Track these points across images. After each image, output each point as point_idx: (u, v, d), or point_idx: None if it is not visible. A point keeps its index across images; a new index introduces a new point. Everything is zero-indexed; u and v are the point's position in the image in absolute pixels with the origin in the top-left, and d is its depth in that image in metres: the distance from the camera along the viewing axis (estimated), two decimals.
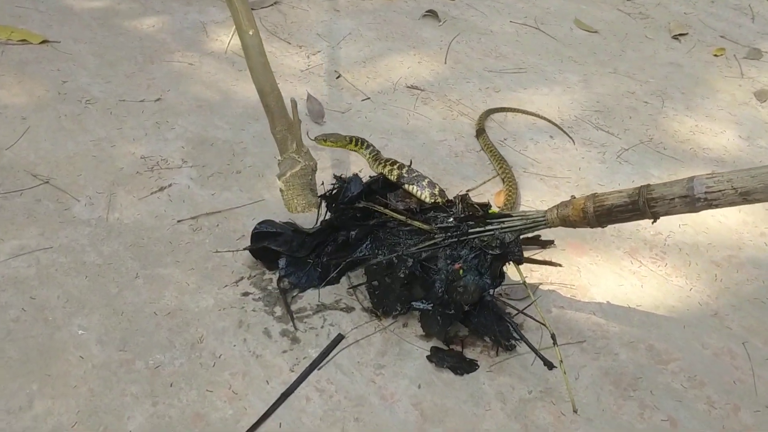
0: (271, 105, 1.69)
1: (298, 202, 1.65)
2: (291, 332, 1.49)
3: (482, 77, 2.36)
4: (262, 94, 1.70)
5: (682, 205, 1.24)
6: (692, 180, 1.23)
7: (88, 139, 1.98)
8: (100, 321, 1.49)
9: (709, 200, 1.22)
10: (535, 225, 1.41)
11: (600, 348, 1.49)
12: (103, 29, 2.46)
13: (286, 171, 1.65)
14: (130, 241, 1.68)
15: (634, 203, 1.29)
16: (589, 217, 1.34)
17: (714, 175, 1.22)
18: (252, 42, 1.68)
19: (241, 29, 1.67)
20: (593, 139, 2.11)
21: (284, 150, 1.69)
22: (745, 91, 2.38)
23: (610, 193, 1.34)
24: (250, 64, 1.69)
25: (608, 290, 1.62)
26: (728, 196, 1.20)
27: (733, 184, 1.19)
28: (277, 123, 1.69)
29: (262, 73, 1.69)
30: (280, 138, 1.69)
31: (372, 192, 1.54)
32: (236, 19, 1.67)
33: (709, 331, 1.54)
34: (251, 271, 1.63)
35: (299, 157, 1.67)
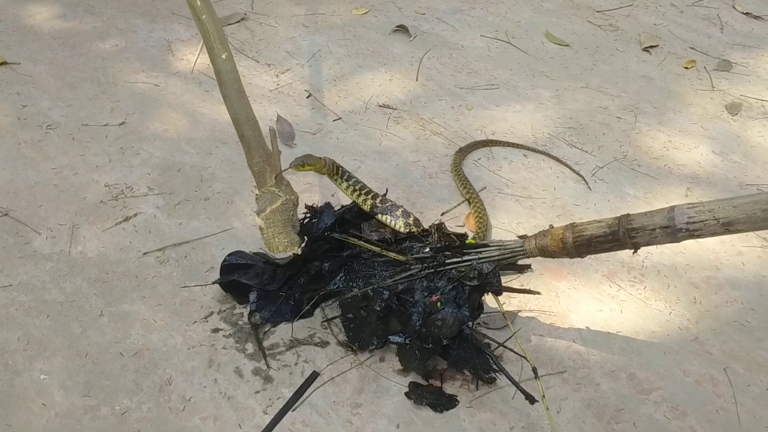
0: (247, 135, 1.54)
1: (280, 240, 1.50)
2: (263, 370, 1.44)
3: (454, 94, 2.32)
4: (237, 123, 1.56)
5: (663, 235, 1.22)
6: (673, 210, 1.20)
7: (49, 167, 1.90)
8: (63, 364, 1.43)
9: (690, 231, 1.19)
10: (514, 255, 1.37)
11: (581, 378, 1.46)
12: (65, 49, 2.39)
13: (265, 207, 1.49)
14: (94, 276, 1.62)
15: (614, 234, 1.26)
16: (568, 247, 1.31)
17: (695, 204, 1.19)
18: (225, 67, 1.53)
19: (213, 53, 1.52)
20: (567, 157, 2.08)
21: (262, 183, 1.54)
22: (717, 104, 2.38)
23: (589, 223, 1.30)
24: (224, 90, 1.55)
25: (588, 316, 1.59)
26: (710, 226, 1.17)
27: (715, 215, 1.16)
28: (254, 154, 1.54)
29: (236, 100, 1.55)
30: (258, 170, 1.54)
31: (345, 222, 1.50)
32: (207, 41, 1.53)
33: (690, 357, 1.52)
34: (221, 306, 1.57)
35: (279, 191, 1.52)
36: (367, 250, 1.48)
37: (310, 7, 2.76)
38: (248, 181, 1.90)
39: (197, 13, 1.52)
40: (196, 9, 1.52)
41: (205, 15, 1.51)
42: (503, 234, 1.79)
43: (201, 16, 1.52)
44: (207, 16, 1.51)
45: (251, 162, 1.55)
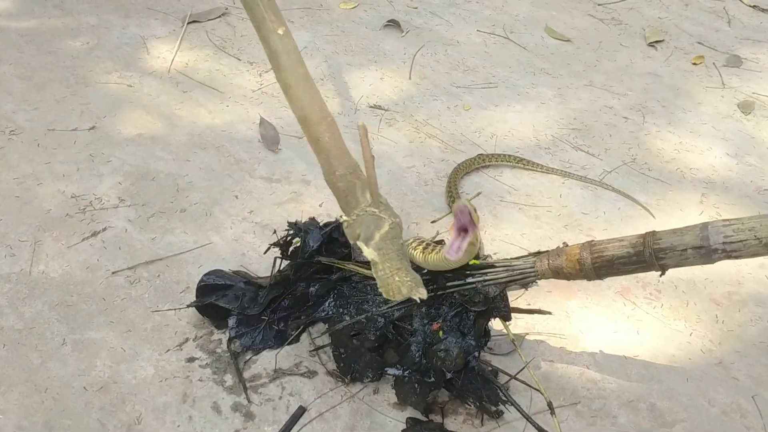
0: (324, 139, 1.19)
1: (401, 279, 1.14)
2: (244, 406, 1.29)
3: (450, 94, 2.17)
4: (307, 124, 1.19)
5: (695, 257, 1.07)
6: (706, 228, 1.06)
7: (11, 176, 1.74)
8: (20, 401, 1.28)
9: (728, 252, 1.04)
10: (523, 277, 1.22)
11: (596, 410, 1.32)
12: (32, 47, 2.22)
13: (372, 233, 1.13)
14: (57, 299, 1.46)
15: (639, 254, 1.12)
16: (586, 269, 1.16)
17: (732, 221, 1.05)
18: (285, 46, 1.17)
19: (265, 27, 1.17)
20: (573, 161, 1.94)
21: (352, 204, 1.19)
22: (728, 102, 2.24)
23: (609, 242, 1.16)
24: (285, 78, 1.18)
25: (602, 339, 1.45)
26: (751, 246, 1.02)
27: (756, 234, 1.02)
28: (337, 165, 1.19)
29: (303, 91, 1.18)
30: (343, 187, 1.19)
31: (333, 240, 1.34)
32: (255, 13, 1.17)
33: (715, 384, 1.38)
34: (197, 331, 1.42)
35: (380, 212, 1.17)
36: (357, 273, 1.33)
37: (297, 0, 2.60)
38: (229, 191, 1.75)
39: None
40: None
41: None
42: (506, 247, 1.64)
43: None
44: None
45: (332, 176, 1.19)
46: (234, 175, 1.80)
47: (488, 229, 1.69)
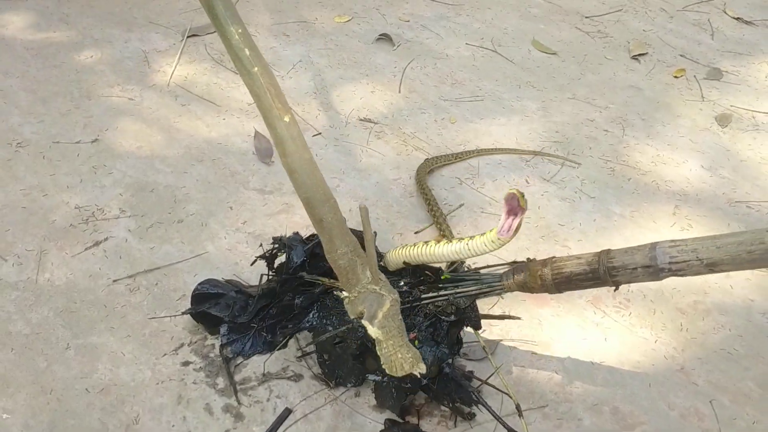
0: (327, 219, 1.25)
1: (403, 356, 1.22)
2: (234, 407, 1.39)
3: (438, 107, 2.27)
4: (311, 205, 1.26)
5: (645, 275, 1.17)
6: (654, 249, 1.15)
7: (18, 188, 1.85)
8: (27, 402, 1.38)
9: (673, 270, 1.14)
10: (491, 290, 1.32)
11: (563, 413, 1.42)
12: (38, 61, 2.32)
13: (375, 312, 1.21)
14: (61, 305, 1.56)
15: (594, 272, 1.21)
16: (547, 284, 1.26)
17: (678, 243, 1.14)
18: (290, 133, 1.23)
19: (272, 115, 1.24)
20: (552, 172, 2.03)
21: (352, 281, 1.26)
22: (706, 115, 2.33)
23: (568, 259, 1.26)
24: (290, 163, 1.24)
25: (571, 345, 1.55)
26: (694, 266, 1.12)
27: (698, 255, 1.11)
28: (339, 244, 1.25)
29: (307, 175, 1.25)
30: (344, 265, 1.25)
31: (315, 255, 1.44)
32: (262, 101, 1.24)
33: (676, 389, 1.48)
34: (192, 337, 1.52)
35: (381, 289, 1.24)
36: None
37: (292, 14, 2.70)
38: (223, 202, 1.85)
39: (246, 66, 1.24)
40: (245, 61, 1.24)
41: (257, 68, 1.24)
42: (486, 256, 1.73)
43: (252, 69, 1.24)
44: (259, 69, 1.24)
45: (334, 254, 1.26)
46: (229, 186, 1.90)
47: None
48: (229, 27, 1.23)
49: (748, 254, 1.07)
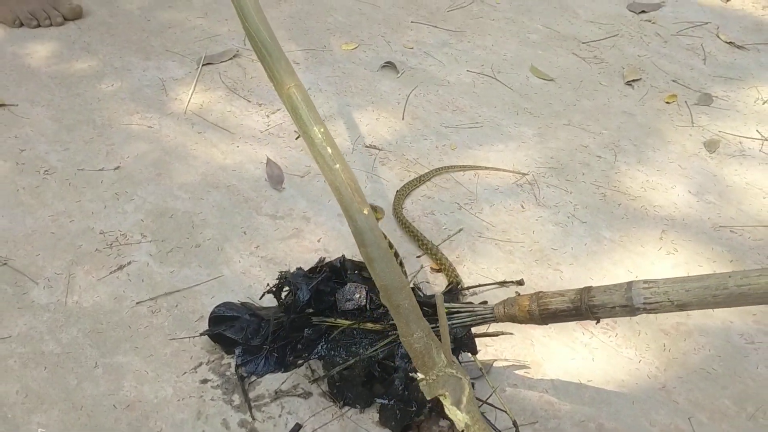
0: (404, 306, 1.30)
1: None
2: (249, 422, 1.52)
3: (439, 133, 2.39)
4: (388, 292, 1.31)
5: (622, 311, 1.29)
6: (630, 289, 1.28)
7: (46, 214, 1.98)
8: (60, 417, 1.51)
9: (648, 309, 1.26)
10: (484, 321, 1.45)
11: (552, 429, 1.54)
12: (61, 89, 2.46)
13: (459, 397, 1.25)
14: (89, 326, 1.69)
15: (577, 308, 1.34)
16: (534, 318, 1.39)
17: (651, 285, 1.26)
18: (368, 224, 1.31)
19: (352, 209, 1.32)
20: (547, 197, 2.15)
21: (428, 365, 1.30)
22: (695, 141, 2.45)
23: (553, 296, 1.38)
24: (369, 253, 1.31)
25: (560, 365, 1.67)
26: (666, 306, 1.24)
27: (669, 297, 1.23)
28: (414, 329, 1.30)
29: (385, 264, 1.31)
30: (420, 348, 1.30)
31: (320, 292, 1.58)
32: (343, 195, 1.33)
33: (657, 407, 1.59)
34: (210, 356, 1.65)
35: (457, 372, 1.29)
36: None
37: (302, 42, 2.83)
38: (238, 227, 1.98)
39: (329, 163, 1.33)
40: (327, 159, 1.33)
41: (339, 165, 1.33)
42: (482, 279, 1.86)
43: (334, 165, 1.32)
44: (341, 166, 1.33)
45: (410, 338, 1.30)
46: (242, 212, 2.03)
47: (467, 264, 1.91)
48: (312, 128, 1.35)
49: (713, 297, 1.19)
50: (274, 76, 1.42)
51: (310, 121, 1.38)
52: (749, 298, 1.19)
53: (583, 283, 1.86)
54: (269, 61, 1.41)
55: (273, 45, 1.42)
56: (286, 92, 1.39)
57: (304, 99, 1.39)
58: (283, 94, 1.41)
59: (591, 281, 1.88)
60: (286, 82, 1.40)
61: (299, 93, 1.39)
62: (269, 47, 1.41)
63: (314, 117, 1.38)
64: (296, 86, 1.40)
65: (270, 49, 1.41)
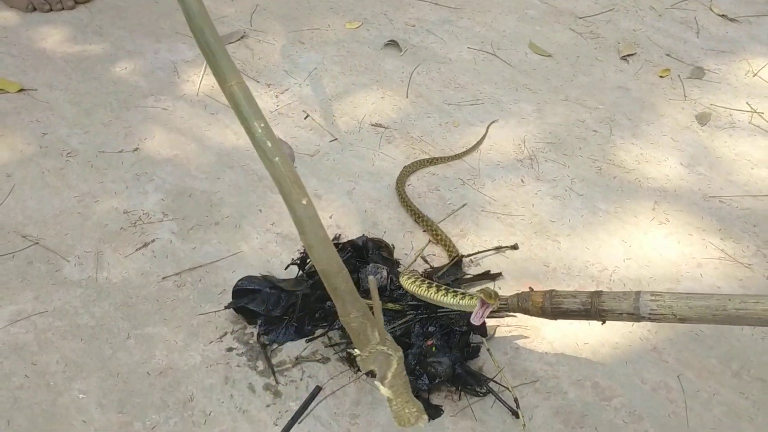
0: (341, 288, 1.41)
1: (410, 411, 1.35)
2: (273, 386, 1.65)
3: (442, 111, 2.50)
4: (326, 276, 1.42)
5: (629, 318, 1.41)
6: (638, 300, 1.38)
7: (72, 195, 2.09)
8: (98, 384, 1.64)
9: (652, 319, 1.38)
10: (498, 309, 1.58)
11: (551, 387, 1.67)
12: (77, 74, 2.56)
13: (386, 372, 1.36)
14: (120, 300, 1.82)
15: (587, 311, 1.45)
16: (546, 314, 1.51)
17: (657, 298, 1.37)
18: (307, 213, 1.41)
19: (291, 198, 1.41)
20: (546, 172, 2.26)
21: (363, 342, 1.41)
22: (687, 114, 2.55)
23: (565, 296, 1.49)
24: (307, 240, 1.42)
25: (558, 330, 1.79)
26: (668, 318, 1.36)
27: (673, 311, 1.34)
28: (351, 309, 1.41)
29: (323, 250, 1.41)
30: (356, 327, 1.41)
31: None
32: (283, 187, 1.42)
33: (648, 366, 1.73)
34: (234, 326, 1.77)
35: (388, 349, 1.39)
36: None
37: (306, 22, 2.92)
38: (254, 205, 2.09)
39: (269, 155, 1.42)
40: (267, 152, 1.41)
41: (278, 158, 1.41)
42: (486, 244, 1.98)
43: (274, 158, 1.42)
44: (279, 159, 1.41)
45: (347, 318, 1.42)
46: (257, 191, 2.14)
47: (470, 237, 2.03)
48: (253, 123, 1.43)
49: (713, 316, 1.31)
50: (217, 73, 1.48)
51: (251, 116, 1.43)
52: (744, 321, 1.31)
53: (580, 253, 1.99)
54: (213, 59, 1.47)
55: (216, 45, 1.47)
56: (229, 89, 1.45)
57: (246, 96, 1.44)
58: (225, 90, 1.46)
59: (587, 251, 2.00)
60: (229, 80, 1.46)
61: (241, 90, 1.44)
62: (213, 47, 1.47)
63: (255, 112, 1.44)
64: (238, 83, 1.45)
65: (213, 48, 1.47)
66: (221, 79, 1.47)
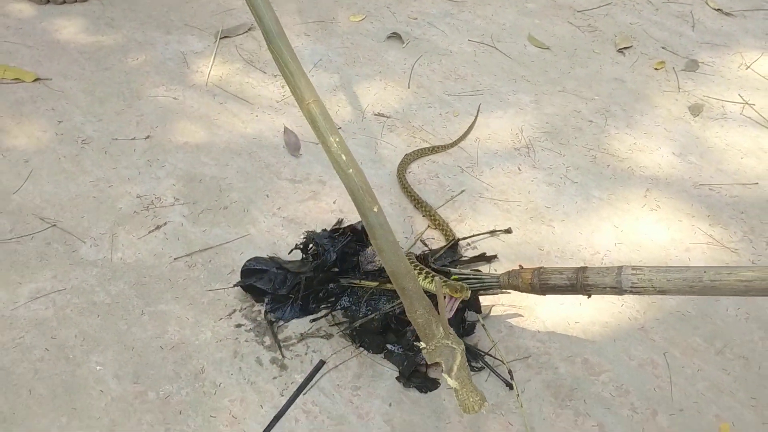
0: (408, 288, 1.51)
1: (474, 400, 1.45)
2: (279, 360, 1.74)
3: (442, 101, 2.58)
4: (396, 277, 1.52)
5: (612, 291, 1.50)
6: (620, 274, 1.47)
7: (87, 180, 2.19)
8: (114, 357, 1.73)
9: (633, 292, 1.47)
10: (490, 287, 1.68)
11: (542, 363, 1.76)
12: (91, 64, 2.65)
13: (452, 365, 1.47)
14: (134, 279, 1.91)
15: (572, 285, 1.55)
16: (535, 289, 1.61)
17: (638, 272, 1.46)
18: (378, 220, 1.50)
19: (364, 206, 1.50)
20: (542, 160, 2.35)
21: (429, 336, 1.52)
22: (681, 105, 2.63)
23: (552, 273, 1.58)
24: (379, 244, 1.51)
25: (551, 309, 1.88)
26: (648, 290, 1.45)
27: (653, 284, 1.44)
28: (418, 306, 1.51)
29: (392, 253, 1.51)
30: (423, 322, 1.52)
31: (345, 254, 1.81)
32: (356, 196, 1.50)
33: (636, 344, 1.82)
34: (242, 304, 1.87)
35: (452, 343, 1.51)
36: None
37: (311, 14, 3.00)
38: (261, 191, 2.18)
39: (343, 168, 1.49)
40: (342, 164, 1.50)
41: (352, 170, 1.49)
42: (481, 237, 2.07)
43: (348, 170, 1.49)
44: (354, 171, 1.49)
45: (414, 314, 1.52)
46: (264, 177, 2.23)
47: (468, 222, 2.12)
48: (329, 137, 1.51)
49: (690, 288, 1.40)
50: (296, 92, 1.55)
51: (326, 131, 1.51)
52: (719, 291, 1.40)
53: (573, 238, 2.08)
54: (292, 79, 1.54)
55: (294, 65, 1.54)
56: (306, 107, 1.53)
57: (322, 112, 1.52)
58: (303, 108, 1.54)
59: (580, 235, 2.09)
60: (306, 98, 1.53)
61: (317, 107, 1.52)
62: (291, 68, 1.54)
63: (330, 128, 1.52)
64: (315, 101, 1.53)
65: (292, 70, 1.54)
66: (299, 97, 1.53)
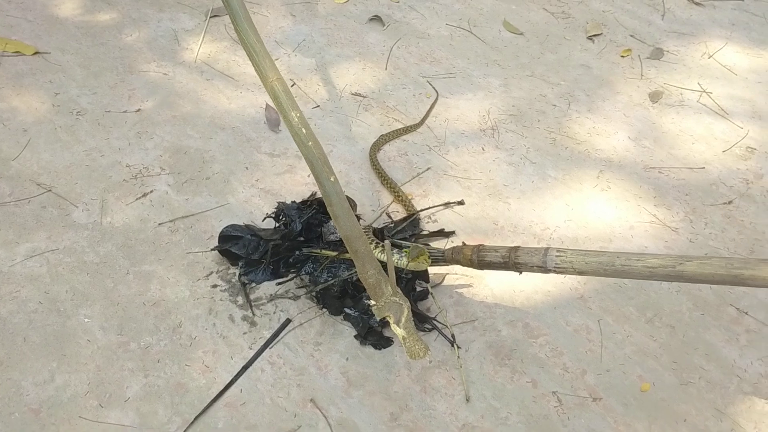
0: (360, 250, 1.67)
1: (419, 347, 1.62)
2: (250, 317, 1.94)
3: (417, 83, 2.75)
4: (349, 240, 1.68)
5: (538, 270, 1.68)
6: (546, 255, 1.65)
7: (81, 149, 2.36)
8: (101, 311, 1.93)
9: (557, 271, 1.65)
10: (436, 260, 1.86)
11: (487, 326, 1.95)
12: (87, 39, 2.81)
13: (399, 318, 1.64)
14: (121, 242, 2.10)
15: (506, 263, 1.72)
16: (474, 265, 1.79)
17: (562, 254, 1.63)
18: (334, 189, 1.67)
19: (322, 176, 1.66)
20: (505, 141, 2.52)
21: (379, 294, 1.67)
22: (642, 92, 2.79)
23: (489, 250, 1.76)
24: (334, 210, 1.67)
25: (499, 278, 2.07)
26: (569, 270, 1.62)
27: (573, 265, 1.61)
28: (369, 267, 1.67)
29: (346, 219, 1.67)
30: (373, 282, 1.67)
31: (310, 225, 1.99)
32: (315, 167, 1.67)
33: (574, 311, 2.00)
34: (219, 267, 2.06)
35: (399, 300, 1.66)
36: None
37: None
38: (241, 163, 2.36)
39: (303, 140, 1.67)
40: (302, 137, 1.67)
41: (311, 142, 1.67)
42: (444, 212, 2.25)
43: (307, 143, 1.67)
44: (313, 143, 1.67)
45: (365, 275, 1.68)
46: (245, 150, 2.41)
47: (431, 197, 2.30)
48: (290, 113, 1.68)
49: (604, 270, 1.58)
50: (260, 71, 1.72)
51: (288, 107, 1.68)
52: (629, 275, 1.57)
53: (526, 214, 2.26)
54: (256, 58, 1.72)
55: (259, 46, 1.72)
56: (270, 84, 1.71)
57: (284, 90, 1.69)
58: (267, 85, 1.71)
59: (533, 212, 2.27)
60: (270, 77, 1.71)
61: (280, 85, 1.69)
62: (256, 47, 1.72)
63: (292, 104, 1.69)
64: (278, 79, 1.70)
65: (257, 49, 1.72)
66: (263, 75, 1.70)
